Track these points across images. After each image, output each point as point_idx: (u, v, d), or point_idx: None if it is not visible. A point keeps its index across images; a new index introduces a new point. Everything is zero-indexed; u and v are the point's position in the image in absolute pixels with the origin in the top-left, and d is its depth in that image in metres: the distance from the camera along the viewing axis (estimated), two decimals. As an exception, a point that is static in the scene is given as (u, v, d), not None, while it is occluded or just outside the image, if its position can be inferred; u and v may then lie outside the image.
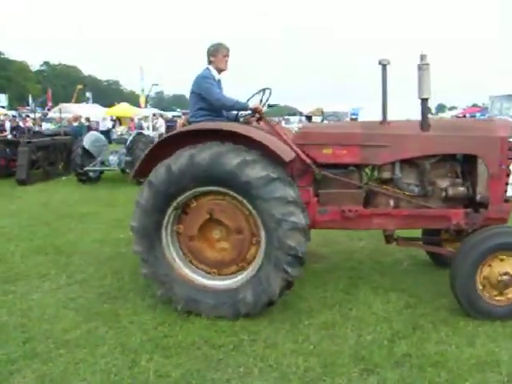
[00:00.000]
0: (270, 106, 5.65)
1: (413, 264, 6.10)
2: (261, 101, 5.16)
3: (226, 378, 3.53)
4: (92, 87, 66.06)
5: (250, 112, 5.06)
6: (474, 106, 47.01)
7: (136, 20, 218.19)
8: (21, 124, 19.98)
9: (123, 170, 13.89)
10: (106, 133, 19.61)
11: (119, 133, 15.83)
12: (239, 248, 4.53)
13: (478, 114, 35.08)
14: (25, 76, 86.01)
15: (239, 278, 4.54)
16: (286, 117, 39.08)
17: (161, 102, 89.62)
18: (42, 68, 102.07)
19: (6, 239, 7.32)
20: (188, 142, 4.45)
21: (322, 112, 33.25)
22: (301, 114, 39.03)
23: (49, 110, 36.11)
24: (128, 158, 13.36)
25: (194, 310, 4.50)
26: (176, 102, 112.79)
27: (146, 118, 21.48)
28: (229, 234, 4.57)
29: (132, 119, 29.89)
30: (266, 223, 4.28)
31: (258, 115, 5.04)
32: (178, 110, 53.31)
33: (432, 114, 43.30)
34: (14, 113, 32.54)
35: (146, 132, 15.83)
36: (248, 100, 5.08)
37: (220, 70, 5.09)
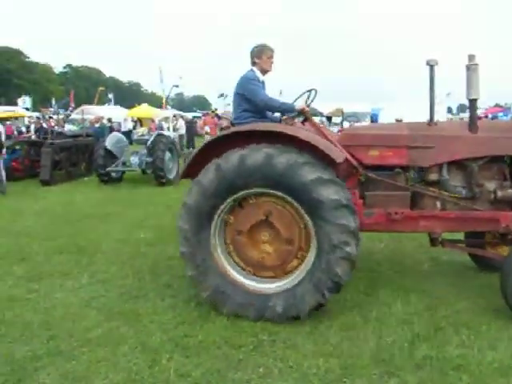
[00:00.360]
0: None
1: (434, 265, 6.04)
2: (306, 102, 5.08)
3: (246, 378, 3.54)
4: (114, 89, 66.67)
5: (294, 113, 4.98)
6: (497, 105, 46.18)
7: (156, 22, 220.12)
8: (44, 125, 20.32)
9: (144, 171, 14.03)
10: (127, 134, 19.79)
11: (140, 134, 15.98)
12: (283, 257, 4.49)
13: (500, 114, 34.47)
14: (48, 78, 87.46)
15: (273, 285, 4.50)
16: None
17: (181, 103, 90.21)
18: (65, 70, 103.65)
19: (30, 238, 7.45)
20: (236, 144, 4.41)
21: (342, 112, 33.02)
22: (321, 114, 38.80)
23: (71, 111, 36.58)
24: (149, 159, 13.49)
25: (218, 302, 4.51)
26: (196, 102, 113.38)
27: (166, 118, 21.61)
28: (277, 240, 4.50)
29: (152, 120, 30.18)
30: (321, 244, 4.24)
31: (303, 116, 4.99)
32: (198, 110, 53.53)
33: (453, 114, 42.74)
34: (37, 114, 33.07)
35: (166, 133, 15.91)
36: (294, 101, 5.02)
37: (264, 72, 5.01)
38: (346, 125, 20.62)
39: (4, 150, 12.52)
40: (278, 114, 5.22)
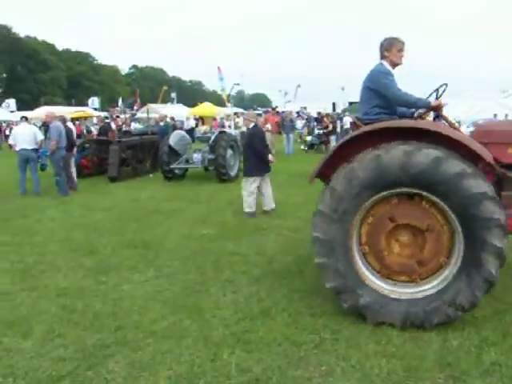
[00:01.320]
0: (351, 103, 5.51)
1: (506, 269, 5.76)
2: (437, 97, 4.87)
3: (307, 376, 3.54)
4: (176, 88, 68.35)
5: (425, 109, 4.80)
6: None
7: (216, 22, 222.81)
8: (112, 124, 21.10)
9: (206, 168, 14.26)
10: (190, 132, 20.20)
11: (202, 131, 16.25)
12: (425, 261, 4.26)
13: None
14: (115, 79, 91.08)
15: (417, 289, 4.29)
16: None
17: (241, 101, 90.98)
18: (131, 71, 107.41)
19: (99, 233, 7.79)
20: (370, 142, 4.27)
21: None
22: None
23: (137, 110, 37.80)
24: (211, 156, 13.69)
25: (364, 312, 4.30)
26: (256, 100, 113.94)
27: (228, 116, 21.87)
28: (417, 243, 4.31)
29: (214, 118, 30.65)
30: (470, 241, 4.03)
31: (435, 113, 4.84)
32: (259, 108, 53.84)
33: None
34: (105, 114, 34.43)
35: (228, 130, 16.09)
36: (428, 97, 4.84)
37: (394, 65, 4.77)
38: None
39: (74, 149, 13.14)
40: (402, 109, 4.94)
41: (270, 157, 9.11)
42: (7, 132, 30.11)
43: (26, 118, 13.95)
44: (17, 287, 5.30)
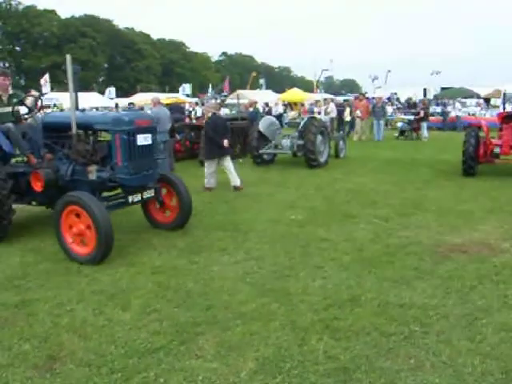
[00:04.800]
0: (443, 88, 5.20)
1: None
2: None
3: (396, 368, 3.44)
4: (265, 74, 68.72)
5: None
6: None
7: (305, 8, 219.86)
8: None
9: (295, 154, 14.24)
10: (278, 117, 20.22)
11: (291, 117, 16.20)
12: None
13: None
14: (206, 66, 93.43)
15: None
16: (463, 100, 36.06)
17: (330, 87, 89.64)
18: (221, 58, 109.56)
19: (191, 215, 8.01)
20: None
21: (505, 94, 29.98)
22: (478, 96, 35.61)
23: (226, 96, 38.47)
24: (300, 142, 13.63)
25: None
26: (345, 86, 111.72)
27: (317, 102, 21.62)
28: None
29: (303, 104, 30.45)
30: None
31: None
32: (348, 94, 52.76)
33: None
34: (196, 100, 35.40)
35: (318, 116, 15.92)
36: None
37: None
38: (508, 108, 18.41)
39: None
40: None
41: (225, 142, 10.21)
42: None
43: (133, 104, 14.64)
44: (116, 263, 5.63)
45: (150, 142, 6.40)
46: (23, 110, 7.34)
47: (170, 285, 5.00)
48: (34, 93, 7.66)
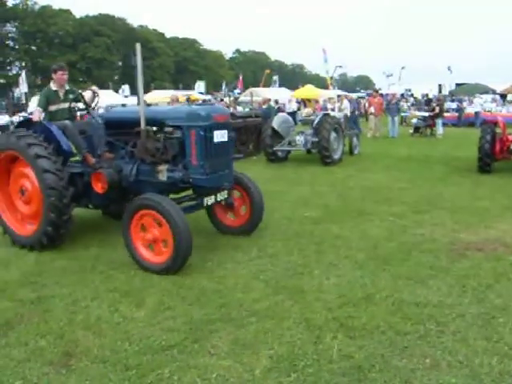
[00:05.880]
0: (458, 84, 5.11)
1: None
2: None
3: (411, 367, 3.41)
4: (278, 71, 68.61)
5: None
6: None
7: (318, 7, 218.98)
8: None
9: (309, 151, 14.19)
10: (292, 114, 20.16)
11: (305, 114, 16.13)
12: None
13: None
14: (219, 64, 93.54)
15: None
16: (478, 95, 35.66)
17: (344, 84, 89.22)
18: (234, 55, 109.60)
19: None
20: None
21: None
22: (493, 92, 35.18)
23: (239, 93, 38.46)
24: (314, 139, 13.58)
25: None
26: (359, 82, 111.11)
27: (330, 99, 21.51)
28: None
29: (317, 101, 30.29)
30: None
31: None
32: (362, 90, 52.46)
33: None
34: (209, 97, 35.50)
35: (332, 113, 15.83)
36: None
37: None
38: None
39: None
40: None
41: None
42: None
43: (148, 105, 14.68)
44: (130, 260, 5.59)
45: (226, 139, 5.90)
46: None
47: (184, 282, 5.00)
48: (94, 88, 7.18)
